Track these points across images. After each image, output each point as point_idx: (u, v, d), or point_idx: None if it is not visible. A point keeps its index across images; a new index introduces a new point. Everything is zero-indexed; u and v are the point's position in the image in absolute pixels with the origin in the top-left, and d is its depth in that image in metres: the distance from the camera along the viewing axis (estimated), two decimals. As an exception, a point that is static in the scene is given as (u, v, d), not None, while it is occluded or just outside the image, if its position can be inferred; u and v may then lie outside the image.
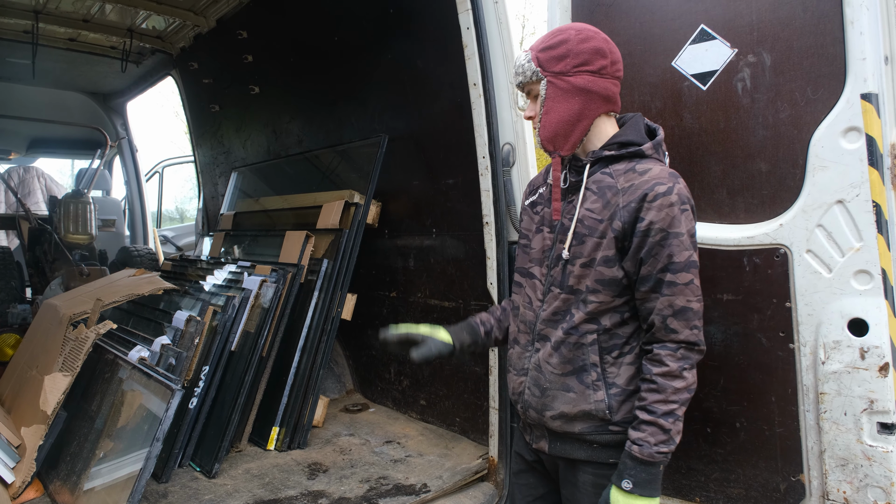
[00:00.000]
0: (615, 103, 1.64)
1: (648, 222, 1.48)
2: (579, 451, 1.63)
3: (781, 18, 1.80)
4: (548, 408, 1.63)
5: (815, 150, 1.74)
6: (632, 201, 1.50)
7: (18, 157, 7.55)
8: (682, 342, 1.48)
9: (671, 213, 1.47)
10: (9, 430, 2.67)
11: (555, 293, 1.62)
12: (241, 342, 3.13)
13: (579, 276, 1.57)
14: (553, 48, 1.59)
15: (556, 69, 1.58)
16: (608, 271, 1.54)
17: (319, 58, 3.98)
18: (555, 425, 1.63)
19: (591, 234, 1.56)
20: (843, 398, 1.72)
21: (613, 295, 1.56)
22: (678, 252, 1.47)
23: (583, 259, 1.57)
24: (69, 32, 5.11)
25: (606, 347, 1.58)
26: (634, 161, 1.58)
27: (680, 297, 1.48)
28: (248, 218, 4.50)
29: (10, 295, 4.60)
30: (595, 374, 1.57)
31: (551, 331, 1.62)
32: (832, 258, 1.73)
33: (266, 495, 2.60)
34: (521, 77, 1.63)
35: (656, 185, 1.49)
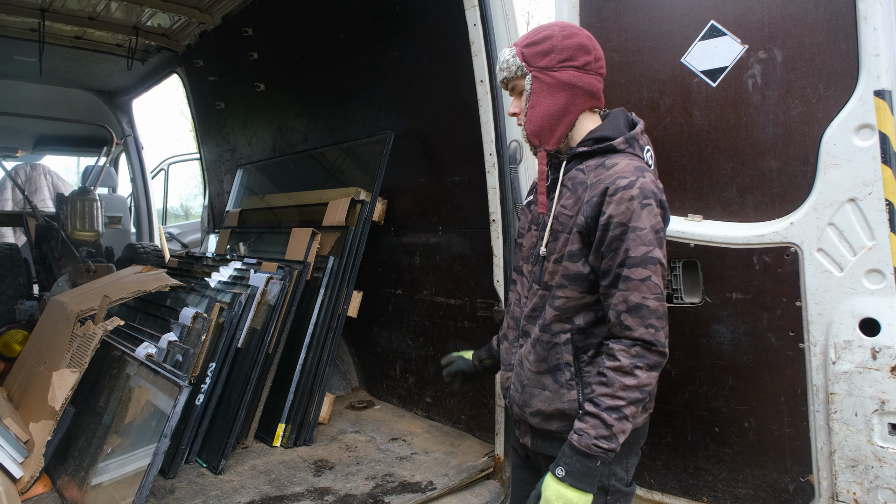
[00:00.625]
0: (599, 99, 1.65)
1: (608, 216, 1.47)
2: (557, 448, 1.59)
3: (793, 14, 1.78)
4: (527, 404, 1.66)
5: (827, 148, 1.73)
6: (594, 196, 1.50)
7: (25, 154, 7.57)
8: (637, 339, 1.45)
9: (630, 206, 1.45)
10: (17, 426, 2.68)
11: (534, 290, 1.65)
12: (248, 339, 3.14)
13: (552, 272, 1.59)
14: (538, 44, 1.60)
15: (540, 64, 1.59)
16: (573, 266, 1.55)
17: (325, 55, 3.97)
18: (534, 422, 1.65)
19: (563, 230, 1.58)
20: (853, 398, 1.71)
21: (581, 291, 1.55)
22: (634, 247, 1.45)
23: (555, 255, 1.59)
24: (75, 30, 5.11)
25: (581, 347, 1.57)
26: (606, 156, 1.57)
27: (634, 294, 1.45)
28: (254, 215, 4.51)
29: (18, 291, 4.61)
30: (569, 373, 1.57)
31: (531, 327, 1.65)
32: (844, 257, 1.72)
33: (272, 492, 2.60)
34: (506, 72, 1.65)
35: (618, 178, 1.48)
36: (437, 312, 3.43)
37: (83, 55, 5.53)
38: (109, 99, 6.81)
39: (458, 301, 3.28)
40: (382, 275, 3.82)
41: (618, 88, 2.14)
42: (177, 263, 4.37)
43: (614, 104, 2.16)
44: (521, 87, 1.64)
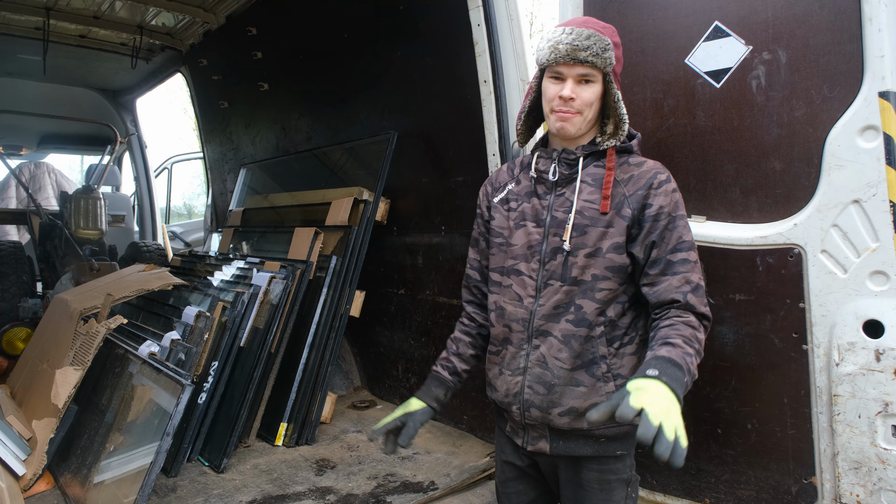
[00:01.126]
0: None
1: (658, 207, 1.53)
2: (585, 447, 1.60)
3: (797, 15, 1.78)
4: (555, 405, 1.58)
5: (831, 149, 1.72)
6: (638, 189, 1.55)
7: (29, 152, 7.60)
8: (701, 315, 1.52)
9: (674, 198, 1.55)
10: (20, 423, 2.69)
11: (554, 286, 1.59)
12: (250, 338, 3.14)
13: (584, 266, 1.56)
14: (618, 47, 1.58)
15: (618, 70, 1.60)
16: (618, 258, 1.56)
17: (329, 55, 3.98)
18: (562, 422, 1.59)
19: (595, 224, 1.56)
20: (857, 400, 1.71)
21: (620, 282, 1.57)
22: (686, 233, 1.55)
23: (587, 249, 1.56)
24: (80, 29, 5.13)
25: (610, 339, 1.58)
26: (625, 156, 1.62)
27: (693, 274, 1.53)
28: (257, 214, 4.51)
29: (21, 289, 4.62)
30: (605, 365, 1.56)
31: (554, 325, 1.59)
32: (847, 258, 1.71)
33: (274, 491, 2.61)
34: (595, 59, 1.50)
35: (657, 174, 1.56)
36: (439, 312, 3.43)
37: (87, 54, 5.55)
38: (113, 97, 6.83)
39: (460, 301, 3.27)
40: (385, 275, 3.82)
41: (621, 89, 2.14)
42: (180, 262, 4.38)
43: (618, 105, 2.17)
44: (593, 78, 1.54)
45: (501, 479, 1.84)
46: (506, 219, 1.70)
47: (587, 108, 1.55)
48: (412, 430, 1.70)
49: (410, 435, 1.70)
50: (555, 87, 1.56)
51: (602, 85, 1.55)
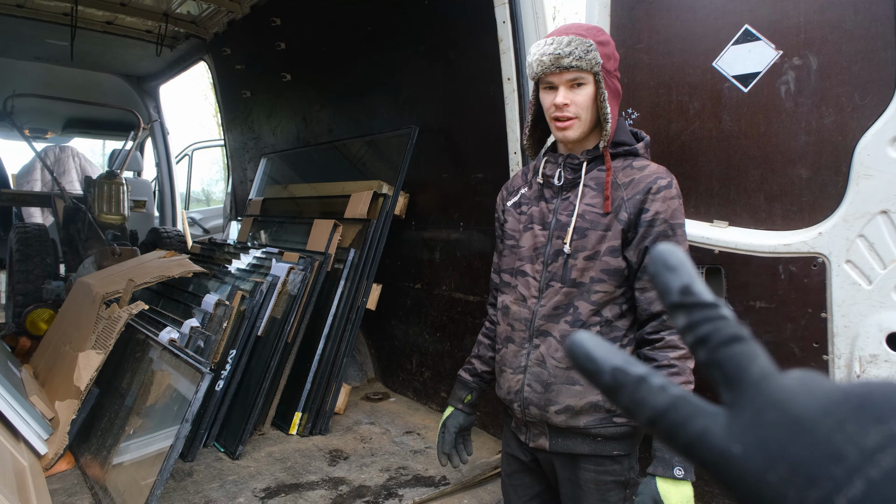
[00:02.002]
0: None
1: (654, 213, 1.54)
2: (582, 445, 1.63)
3: (830, 21, 1.75)
4: (552, 403, 1.63)
5: (860, 158, 1.70)
6: (636, 193, 1.55)
7: (54, 136, 7.72)
8: None
9: (672, 205, 1.55)
10: (43, 404, 2.75)
11: (555, 288, 1.63)
12: (268, 328, 3.18)
13: (583, 268, 1.60)
14: (605, 45, 1.56)
15: (609, 67, 1.57)
16: (614, 261, 1.58)
17: (352, 47, 3.99)
18: (559, 420, 1.62)
19: (595, 227, 1.59)
20: (876, 412, 1.69)
21: (616, 285, 1.60)
22: (681, 242, 1.55)
23: (587, 252, 1.59)
24: (107, 15, 5.20)
25: (608, 339, 1.60)
26: (630, 159, 1.63)
27: None
28: (276, 204, 4.55)
29: (45, 271, 4.72)
30: None
31: (553, 325, 1.63)
32: (873, 270, 1.69)
33: (288, 479, 2.65)
34: (579, 63, 1.51)
35: (658, 178, 1.56)
36: (455, 308, 3.45)
37: (113, 40, 5.62)
38: (138, 84, 6.91)
39: (476, 298, 3.29)
40: (402, 268, 3.84)
41: (647, 90, 2.13)
42: (199, 249, 4.43)
43: (643, 107, 2.16)
44: (584, 82, 1.55)
45: (507, 472, 1.89)
46: (517, 222, 1.75)
47: (583, 111, 1.57)
48: (448, 438, 1.89)
49: (447, 442, 1.89)
50: (549, 96, 1.59)
51: (594, 86, 1.56)
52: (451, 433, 1.89)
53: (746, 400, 0.30)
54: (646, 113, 2.14)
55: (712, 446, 0.29)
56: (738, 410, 0.30)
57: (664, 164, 2.09)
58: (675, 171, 2.07)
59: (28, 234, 4.85)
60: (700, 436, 0.29)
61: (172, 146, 7.49)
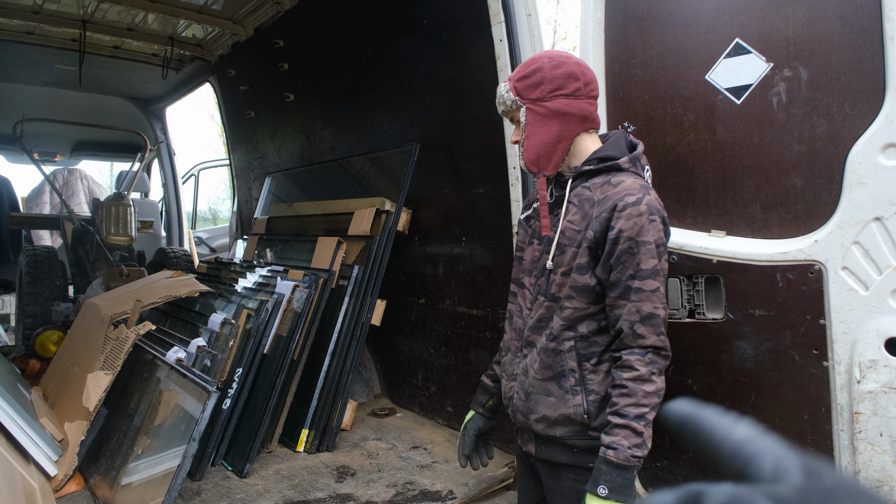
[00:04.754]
0: (593, 121, 1.72)
1: (618, 230, 1.55)
2: (562, 455, 1.69)
3: (819, 33, 1.78)
4: (532, 411, 1.70)
5: (853, 166, 1.72)
6: (603, 211, 1.58)
7: (63, 159, 7.84)
8: (650, 347, 1.53)
9: (639, 222, 1.54)
10: (52, 425, 2.78)
11: (540, 301, 1.71)
12: (274, 345, 3.21)
13: (560, 284, 1.66)
14: (528, 77, 1.68)
15: (532, 96, 1.67)
16: (581, 278, 1.62)
17: (353, 67, 4.05)
18: (538, 428, 1.69)
19: (571, 244, 1.64)
20: (879, 418, 1.69)
21: (588, 302, 1.62)
22: (645, 260, 1.54)
23: (563, 268, 1.65)
24: (114, 40, 5.31)
25: (585, 354, 1.64)
26: (612, 174, 1.65)
27: (647, 304, 1.53)
28: (282, 222, 4.60)
29: (54, 293, 4.77)
30: (573, 379, 1.64)
31: (537, 337, 1.70)
32: (869, 276, 1.70)
33: (295, 496, 2.66)
34: (503, 106, 1.73)
35: (626, 195, 1.56)
36: (459, 322, 3.47)
37: (121, 64, 5.74)
38: (144, 106, 7.03)
39: (480, 312, 3.31)
40: (406, 284, 3.87)
41: (641, 104, 2.16)
42: (206, 269, 4.48)
43: (638, 120, 2.19)
44: (518, 117, 1.71)
45: (518, 473, 1.97)
46: (526, 235, 1.84)
47: None
48: (469, 440, 1.94)
49: (467, 444, 1.94)
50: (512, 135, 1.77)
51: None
52: (471, 436, 1.94)
53: None
54: (641, 126, 2.17)
55: None
56: None
57: (661, 176, 2.13)
58: (672, 183, 2.11)
59: (37, 256, 4.92)
60: None
61: (179, 166, 7.59)
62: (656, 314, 1.54)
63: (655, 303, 1.54)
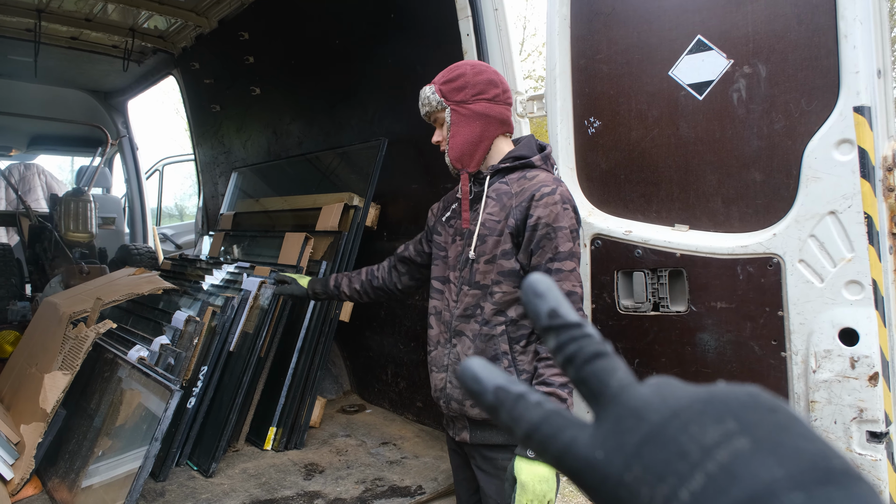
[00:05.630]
0: (509, 125, 1.88)
1: (536, 218, 1.69)
2: (497, 436, 1.78)
3: (777, 31, 1.82)
4: (467, 396, 1.73)
5: (809, 162, 1.76)
6: (522, 201, 1.73)
7: (19, 153, 7.57)
8: None
9: (555, 210, 1.69)
10: (8, 427, 2.69)
11: (465, 291, 1.82)
12: (240, 343, 3.15)
13: (484, 272, 1.78)
14: (453, 81, 1.83)
15: (457, 98, 1.82)
16: (507, 263, 1.75)
17: (320, 61, 4.00)
18: (474, 413, 1.78)
19: (492, 233, 1.77)
20: (833, 407, 1.75)
21: (514, 286, 1.75)
22: (563, 243, 1.69)
23: (486, 256, 1.78)
24: (71, 31, 5.14)
25: (514, 337, 1.76)
26: (526, 171, 1.82)
27: (566, 283, 1.68)
28: (248, 218, 4.53)
29: (10, 292, 4.62)
30: (507, 361, 1.75)
31: (465, 326, 1.81)
32: (824, 268, 1.75)
33: (263, 495, 2.62)
34: (428, 107, 1.86)
35: (542, 186, 1.72)
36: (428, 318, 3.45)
37: (79, 56, 5.56)
38: (105, 99, 6.83)
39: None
40: (375, 279, 3.84)
41: (607, 100, 2.18)
42: (170, 266, 4.38)
43: (604, 115, 2.21)
44: (442, 119, 1.85)
45: (453, 467, 2.05)
46: (448, 234, 1.95)
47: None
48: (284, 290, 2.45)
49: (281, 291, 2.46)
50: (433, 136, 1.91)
51: None
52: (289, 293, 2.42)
53: (608, 410, 0.32)
54: (607, 121, 2.20)
55: (578, 455, 0.31)
56: (601, 421, 0.32)
57: (626, 171, 2.16)
58: (637, 178, 2.14)
59: (-8, 254, 4.75)
60: (568, 445, 0.32)
61: (143, 161, 7.40)
62: (575, 292, 1.69)
63: (573, 281, 1.69)
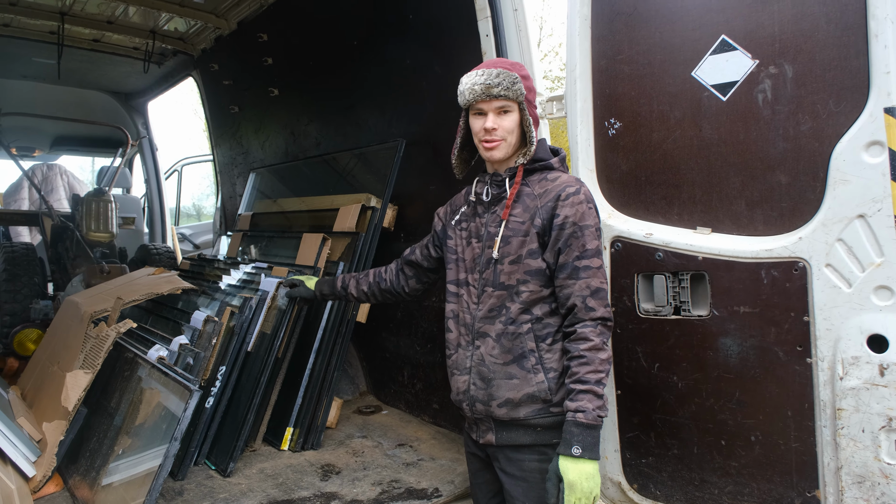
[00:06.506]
0: None
1: (563, 217, 1.71)
2: (524, 436, 1.76)
3: (804, 30, 1.79)
4: (494, 397, 1.77)
5: (837, 164, 1.73)
6: (548, 201, 1.74)
7: (42, 154, 7.69)
8: (600, 319, 1.68)
9: (581, 209, 1.71)
10: (30, 425, 2.73)
11: (489, 292, 1.80)
12: (258, 343, 3.17)
13: (509, 272, 1.77)
14: (527, 79, 1.80)
15: (530, 98, 1.82)
16: (534, 263, 1.75)
17: (338, 62, 4.01)
18: (501, 413, 1.76)
19: (516, 234, 1.77)
20: (860, 415, 1.71)
21: (540, 285, 1.75)
22: (589, 241, 1.71)
23: (511, 257, 1.77)
24: (93, 33, 5.21)
25: (541, 336, 1.76)
26: (546, 172, 1.83)
27: (594, 280, 1.69)
28: (266, 219, 4.55)
29: (33, 291, 4.68)
30: (534, 359, 1.74)
31: (490, 327, 1.79)
32: (852, 273, 1.72)
33: (280, 495, 2.63)
34: (507, 92, 1.74)
35: (567, 187, 1.74)
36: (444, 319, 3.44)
37: (101, 58, 5.63)
38: (125, 101, 6.91)
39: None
40: (392, 280, 3.84)
41: (628, 101, 2.16)
42: (189, 265, 4.42)
43: (625, 116, 2.19)
44: (511, 109, 1.78)
45: (471, 471, 2.02)
46: (460, 238, 1.93)
47: (509, 134, 1.78)
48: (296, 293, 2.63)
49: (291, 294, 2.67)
50: (479, 121, 1.81)
51: (518, 113, 1.78)
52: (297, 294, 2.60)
53: None
54: (627, 123, 2.17)
55: None
56: None
57: (647, 172, 2.13)
58: (658, 180, 2.11)
59: (15, 253, 4.82)
60: None
61: (162, 162, 7.48)
62: (603, 288, 1.70)
63: (601, 278, 1.70)
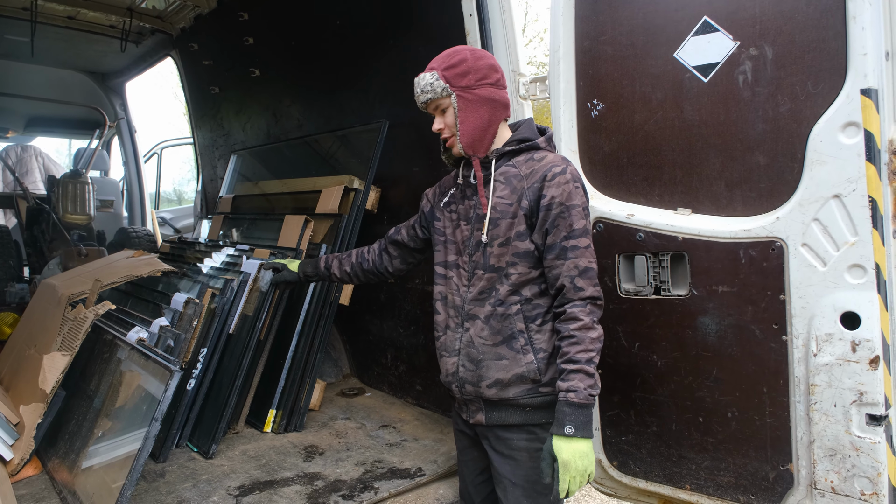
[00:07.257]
0: (509, 110, 1.91)
1: (550, 198, 1.72)
2: (514, 416, 1.80)
3: (784, 12, 1.80)
4: (483, 378, 1.81)
5: (814, 145, 1.75)
6: (534, 182, 1.76)
7: (16, 135, 7.52)
8: (589, 298, 1.70)
9: (567, 188, 1.72)
10: (7, 409, 2.69)
11: (479, 275, 1.83)
12: (240, 325, 3.15)
13: (499, 254, 1.79)
14: (456, 66, 1.81)
15: (462, 84, 1.80)
16: (522, 244, 1.77)
17: (320, 42, 3.96)
18: (490, 393, 1.80)
19: (504, 216, 1.78)
20: (833, 390, 1.75)
21: (529, 266, 1.78)
22: (577, 221, 1.72)
23: (500, 239, 1.79)
24: (68, 10, 5.07)
25: (530, 316, 1.79)
26: (532, 153, 1.85)
27: (582, 259, 1.71)
28: (247, 201, 4.50)
29: (8, 274, 4.61)
30: (523, 339, 1.77)
31: (479, 309, 1.82)
32: (827, 252, 1.75)
33: (262, 476, 2.63)
34: (430, 94, 1.81)
35: (553, 167, 1.75)
36: (428, 301, 3.45)
37: (76, 36, 5.49)
38: (102, 81, 6.77)
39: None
40: (375, 263, 3.83)
41: (611, 82, 2.16)
42: (169, 248, 4.37)
43: (607, 97, 2.19)
44: (446, 105, 1.82)
45: (459, 448, 2.07)
46: (449, 220, 1.95)
47: (455, 129, 1.81)
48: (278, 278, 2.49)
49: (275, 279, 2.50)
50: (434, 124, 1.88)
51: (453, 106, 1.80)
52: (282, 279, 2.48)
53: None
54: (610, 104, 2.17)
55: None
56: None
57: (629, 153, 2.14)
58: (640, 161, 2.12)
59: (-11, 236, 4.73)
60: None
61: (141, 144, 7.36)
62: (591, 267, 1.72)
63: (589, 258, 1.72)
